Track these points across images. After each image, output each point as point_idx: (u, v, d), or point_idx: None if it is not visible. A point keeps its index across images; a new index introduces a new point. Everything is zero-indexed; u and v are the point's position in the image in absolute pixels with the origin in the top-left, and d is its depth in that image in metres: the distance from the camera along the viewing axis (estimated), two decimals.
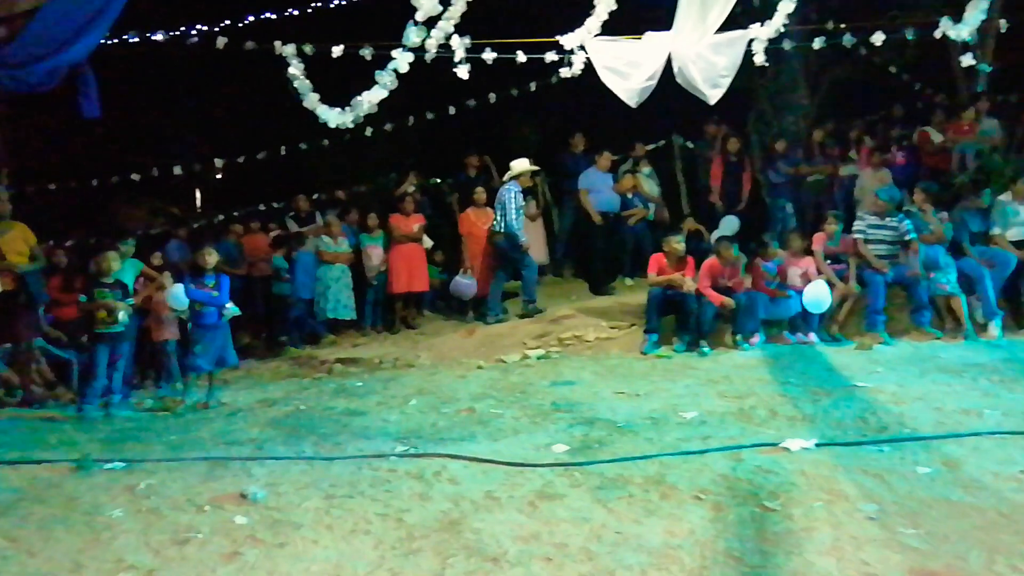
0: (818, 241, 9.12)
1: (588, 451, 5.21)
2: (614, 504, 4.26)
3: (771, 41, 8.28)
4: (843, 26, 9.25)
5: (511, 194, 9.99)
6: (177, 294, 8.19)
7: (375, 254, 11.12)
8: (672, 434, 5.50)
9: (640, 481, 4.57)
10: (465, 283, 10.64)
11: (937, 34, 7.96)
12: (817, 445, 5.06)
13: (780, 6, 7.61)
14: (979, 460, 4.75)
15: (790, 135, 12.62)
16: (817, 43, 8.58)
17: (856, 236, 8.90)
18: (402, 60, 7.48)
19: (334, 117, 7.71)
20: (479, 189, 11.16)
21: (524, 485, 4.61)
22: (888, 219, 8.86)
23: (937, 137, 11.42)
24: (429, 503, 4.43)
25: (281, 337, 10.89)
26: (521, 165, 10.23)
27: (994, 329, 8.36)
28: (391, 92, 7.98)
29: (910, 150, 11.73)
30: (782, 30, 8.06)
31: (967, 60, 8.55)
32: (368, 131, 12.08)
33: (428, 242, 11.54)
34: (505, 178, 10.28)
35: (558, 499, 4.37)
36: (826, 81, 13.43)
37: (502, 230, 10.02)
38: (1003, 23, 9.17)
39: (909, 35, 8.85)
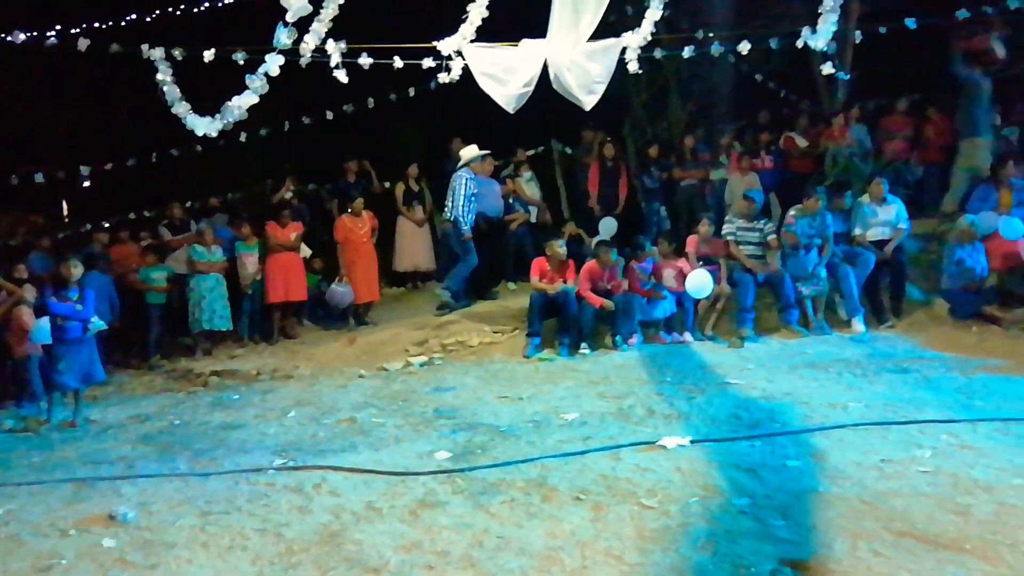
0: (691, 243, 9.41)
1: (470, 457, 5.21)
2: (496, 508, 4.28)
3: (643, 49, 8.46)
4: (711, 35, 9.55)
5: (462, 181, 9.91)
6: (40, 328, 7.83)
7: (250, 262, 10.84)
8: (554, 436, 5.56)
9: (522, 484, 4.60)
10: (340, 291, 10.50)
11: (799, 44, 8.28)
12: (692, 442, 5.21)
13: (648, 15, 7.78)
14: (843, 451, 4.98)
15: (663, 141, 12.95)
16: (687, 52, 8.82)
17: (728, 238, 9.23)
18: (272, 63, 7.29)
19: (203, 125, 7.45)
20: (358, 198, 11.05)
21: (406, 494, 4.58)
22: (755, 222, 9.23)
23: (802, 142, 11.94)
24: (309, 516, 4.35)
25: (150, 352, 10.47)
26: (470, 152, 10.17)
27: (857, 325, 8.78)
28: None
29: (777, 155, 12.23)
30: (650, 38, 8.23)
31: (827, 69, 8.95)
32: (243, 137, 11.81)
33: (306, 251, 11.32)
34: (458, 165, 10.18)
35: (440, 507, 4.35)
36: (697, 89, 13.83)
37: (450, 218, 9.94)
38: (857, 33, 9.63)
39: (773, 44, 9.19)
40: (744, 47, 8.77)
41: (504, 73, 8.01)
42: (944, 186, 11.68)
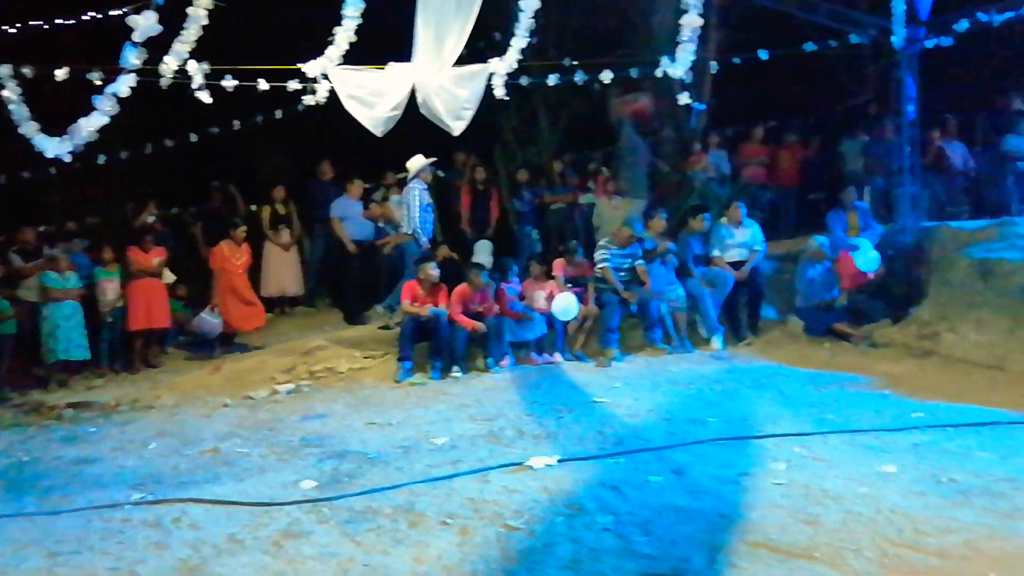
0: (558, 267, 9.57)
1: (337, 485, 5.13)
2: (362, 536, 4.22)
3: (511, 76, 8.61)
4: (576, 63, 9.79)
5: (415, 193, 9.63)
6: None
7: (111, 289, 10.38)
8: (423, 461, 5.54)
9: (389, 511, 4.56)
10: (210, 321, 10.18)
11: (658, 73, 8.60)
12: (560, 461, 5.28)
13: (513, 42, 7.93)
14: (703, 466, 5.15)
15: (533, 166, 13.17)
16: (552, 79, 9.03)
17: (603, 265, 9.31)
18: (122, 83, 7.03)
19: (52, 146, 7.12)
20: (242, 225, 10.75)
21: (269, 525, 4.46)
22: (630, 248, 9.43)
23: (665, 167, 12.36)
24: (166, 551, 4.19)
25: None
26: (418, 162, 9.82)
27: (716, 343, 9.13)
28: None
29: None
30: (516, 66, 8.37)
31: (683, 98, 9.31)
32: (101, 159, 11.35)
33: (170, 276, 10.93)
34: (408, 177, 9.90)
35: (304, 537, 4.27)
36: (565, 115, 14.12)
37: (405, 230, 9.68)
38: (713, 64, 10.08)
39: (634, 73, 9.51)
40: (607, 76, 9.03)
41: (371, 96, 8.00)
42: (799, 210, 12.34)
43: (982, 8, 9.21)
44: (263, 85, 8.66)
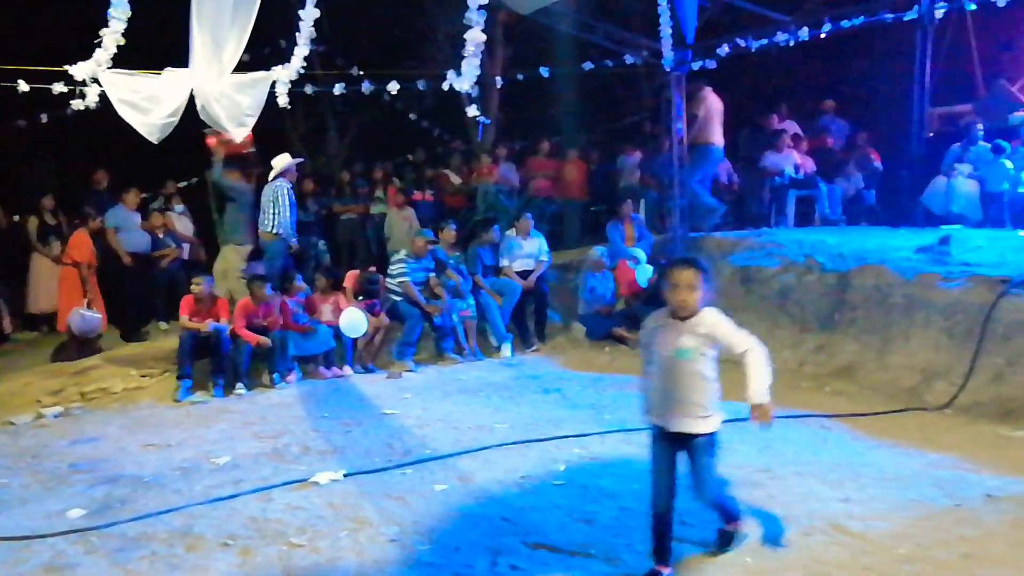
0: (349, 278, 9.48)
1: (109, 512, 4.84)
2: (134, 565, 4.02)
3: (297, 84, 8.46)
4: (362, 73, 9.77)
5: (283, 191, 9.35)
6: None
7: None
8: (203, 482, 5.33)
9: (165, 536, 4.37)
10: (91, 318, 9.36)
11: (445, 86, 8.72)
12: (346, 476, 5.24)
13: (296, 51, 7.80)
14: (488, 471, 5.28)
15: (322, 175, 13.00)
16: (338, 88, 8.95)
17: (403, 279, 9.28)
18: None
19: None
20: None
21: (30, 560, 4.16)
22: (422, 260, 9.46)
23: (455, 179, 12.56)
24: None
25: None
26: (283, 160, 9.60)
27: (506, 350, 9.36)
28: None
29: (435, 190, 12.74)
30: (300, 74, 8.24)
31: (471, 111, 9.49)
32: None
33: None
34: (271, 176, 9.55)
35: (69, 570, 4.01)
36: (355, 124, 14.06)
37: (275, 230, 9.28)
38: (498, 80, 10.35)
39: (421, 85, 9.60)
40: (393, 87, 9.07)
41: (146, 102, 7.60)
42: (583, 221, 12.85)
43: (742, 35, 9.97)
44: (24, 87, 8.08)
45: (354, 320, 8.77)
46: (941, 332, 7.07)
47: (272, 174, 9.66)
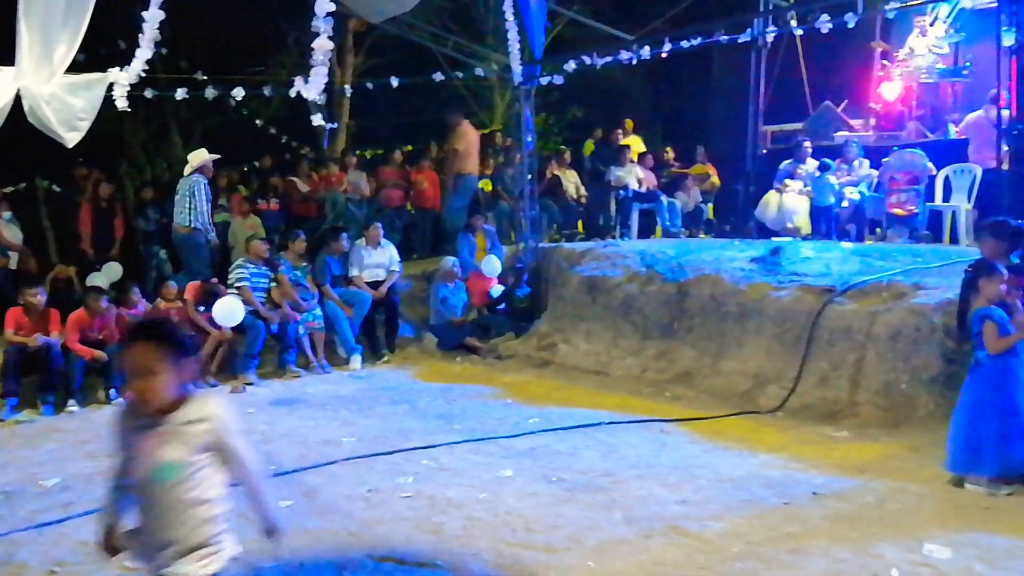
0: (190, 290, 9.11)
1: None
2: None
3: (135, 87, 8.13)
4: (207, 78, 9.48)
5: (201, 186, 9.53)
6: None
7: None
8: (28, 507, 5.03)
9: None
10: None
11: (292, 92, 8.57)
12: None
13: (138, 53, 7.50)
14: (334, 486, 5.21)
15: (163, 182, 12.50)
16: (180, 93, 8.64)
17: (242, 284, 8.99)
18: None
19: None
20: None
21: None
22: (264, 266, 9.19)
23: (303, 187, 12.33)
24: None
25: None
26: (201, 155, 9.74)
27: (356, 362, 9.24)
28: None
29: (283, 198, 12.47)
30: (144, 75, 7.93)
31: (316, 120, 9.37)
32: None
33: None
34: (187, 171, 9.70)
35: None
36: (199, 130, 13.61)
37: (193, 224, 9.42)
38: (347, 88, 10.26)
39: (267, 91, 9.41)
40: (239, 92, 8.83)
41: None
42: (435, 231, 12.84)
43: (587, 52, 10.25)
44: None
45: (231, 308, 8.43)
46: (772, 339, 7.46)
47: (188, 169, 9.74)
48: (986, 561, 3.95)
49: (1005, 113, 6.27)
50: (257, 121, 13.39)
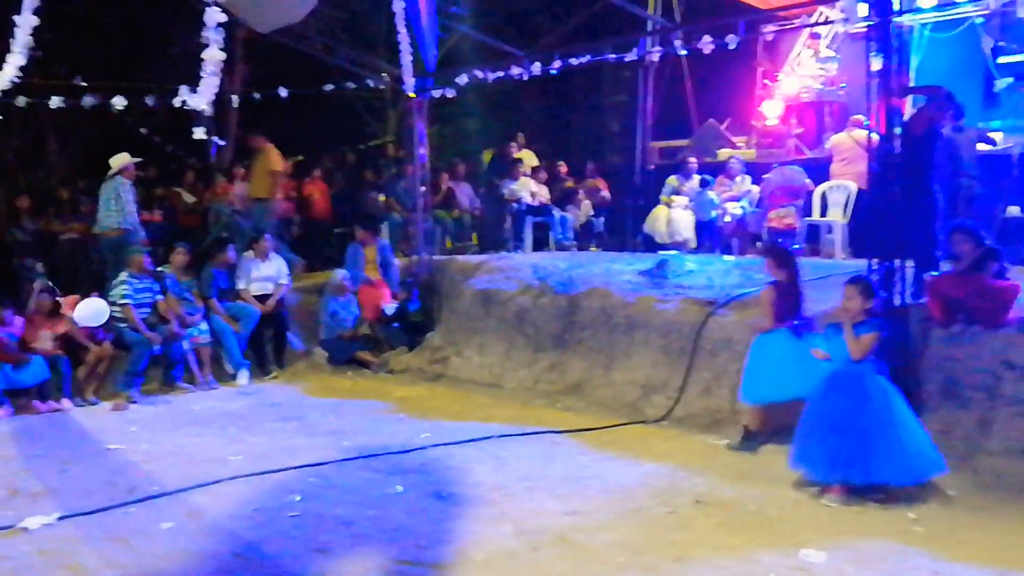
0: (68, 305, 8.74)
1: None
2: None
3: (8, 94, 7.80)
4: (86, 85, 9.16)
5: (127, 188, 9.53)
6: None
7: None
8: None
9: None
10: None
11: (177, 102, 8.34)
12: (60, 519, 4.86)
13: (10, 59, 7.20)
14: (220, 506, 5.10)
15: (39, 191, 11.98)
16: (55, 101, 8.30)
17: (125, 302, 8.65)
18: None
19: None
20: None
21: None
22: (147, 280, 8.87)
23: (189, 198, 12.01)
24: None
25: None
26: (123, 158, 9.67)
27: (243, 378, 9.04)
28: None
29: (167, 209, 12.11)
30: (17, 82, 7.61)
31: (199, 133, 9.17)
32: None
33: None
34: (110, 173, 9.58)
35: None
36: (78, 138, 13.11)
37: (123, 225, 9.38)
38: (235, 99, 10.05)
39: (149, 101, 9.14)
40: (120, 101, 8.56)
41: None
42: (327, 244, 12.69)
43: (479, 66, 10.31)
44: None
45: (94, 309, 8.11)
46: (659, 350, 7.64)
47: (111, 171, 9.61)
48: (858, 564, 4.17)
49: (875, 136, 6.57)
50: (141, 130, 12.98)
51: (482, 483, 5.48)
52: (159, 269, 9.21)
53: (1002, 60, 10.55)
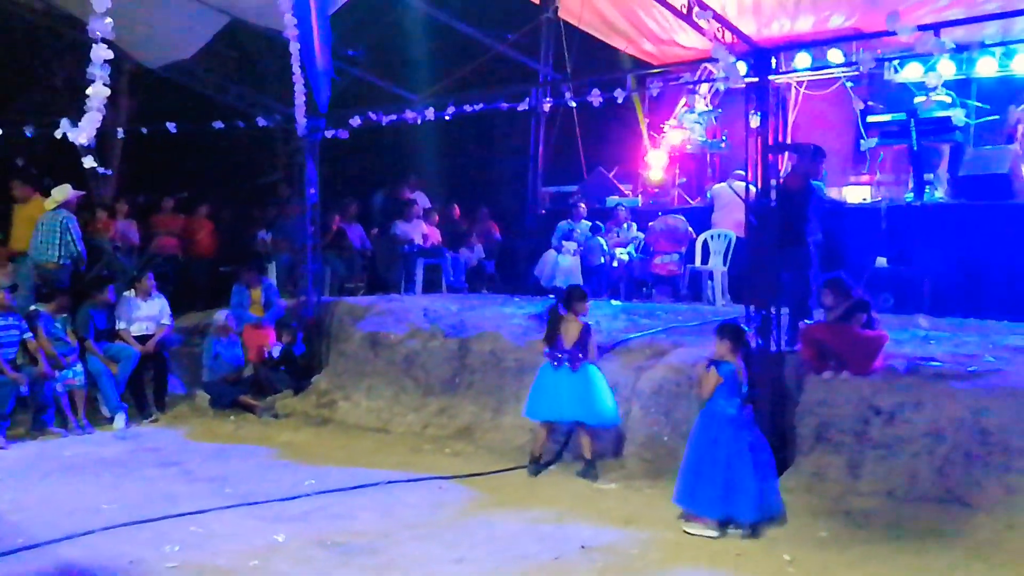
0: None
1: None
2: None
3: None
4: None
5: (73, 221, 9.49)
6: None
7: None
8: None
9: None
10: None
11: (57, 134, 8.08)
12: None
13: None
14: (92, 558, 4.89)
15: None
16: None
17: None
18: None
19: None
20: None
21: None
22: (11, 318, 8.46)
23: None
24: None
25: None
26: (66, 191, 9.55)
27: (120, 421, 8.69)
28: None
29: None
30: None
31: (88, 162, 8.92)
32: None
33: None
34: (53, 206, 9.44)
35: None
36: None
37: (62, 260, 9.29)
38: (120, 131, 9.80)
39: (29, 132, 8.83)
40: None
41: None
42: (211, 283, 12.37)
43: (373, 109, 10.32)
44: None
45: None
46: None
47: (52, 204, 9.49)
48: None
49: (752, 188, 6.89)
50: (17, 160, 12.43)
51: (368, 531, 5.42)
52: (33, 308, 8.80)
53: (871, 119, 11.19)
